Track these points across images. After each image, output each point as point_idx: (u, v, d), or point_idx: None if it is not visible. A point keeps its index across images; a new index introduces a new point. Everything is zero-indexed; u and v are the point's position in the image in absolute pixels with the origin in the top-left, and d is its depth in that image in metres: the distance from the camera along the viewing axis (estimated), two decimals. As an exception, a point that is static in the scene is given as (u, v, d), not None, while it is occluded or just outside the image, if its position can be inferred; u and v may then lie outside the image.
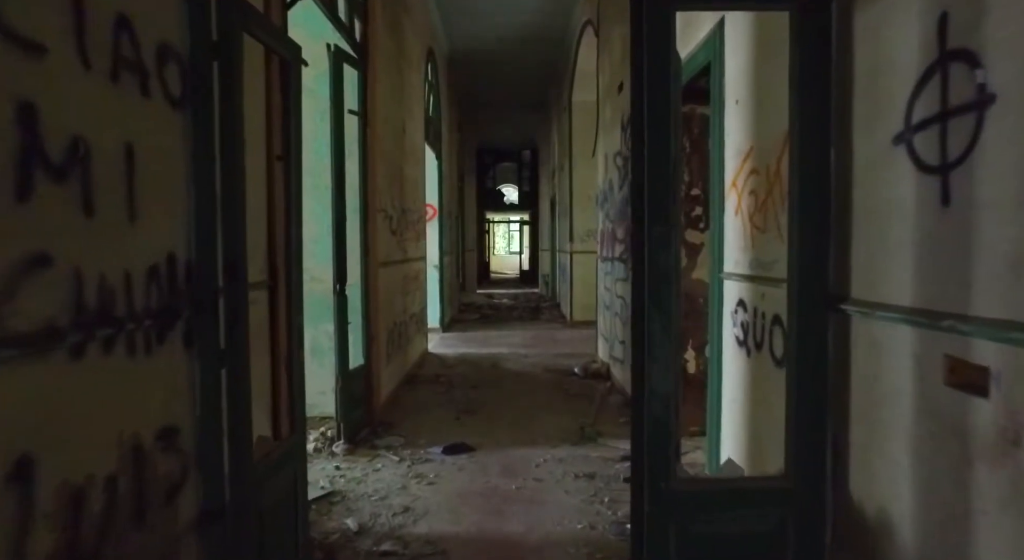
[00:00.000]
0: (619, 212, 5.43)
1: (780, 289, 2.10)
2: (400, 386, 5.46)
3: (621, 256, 5.37)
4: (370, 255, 4.30)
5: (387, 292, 5.00)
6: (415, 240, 6.50)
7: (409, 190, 6.14)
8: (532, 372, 6.29)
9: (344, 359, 3.90)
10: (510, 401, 5.12)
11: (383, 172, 4.81)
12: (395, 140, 5.38)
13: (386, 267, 4.94)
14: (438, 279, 8.85)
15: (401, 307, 5.67)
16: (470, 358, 7.08)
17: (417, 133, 6.67)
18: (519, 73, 11.46)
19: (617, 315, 5.59)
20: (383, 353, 4.73)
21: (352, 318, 4.25)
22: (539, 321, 10.33)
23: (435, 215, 8.87)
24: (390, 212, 5.08)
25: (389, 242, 5.11)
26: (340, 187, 3.83)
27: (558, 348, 7.69)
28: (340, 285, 3.86)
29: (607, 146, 6.06)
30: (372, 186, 4.31)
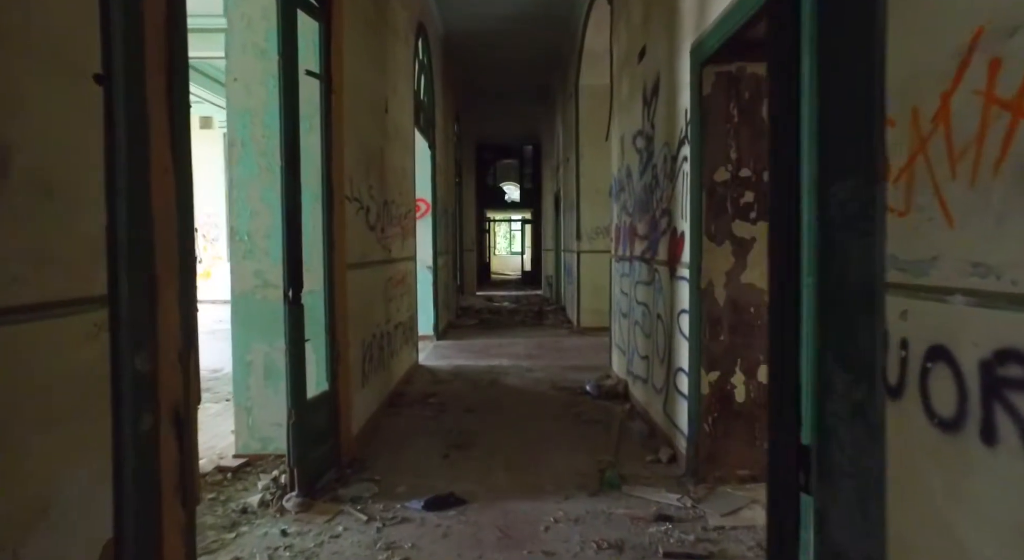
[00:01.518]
0: (641, 203, 4.58)
1: (940, 304, 1.24)
2: (381, 410, 4.60)
3: (643, 255, 4.51)
4: (336, 254, 3.45)
5: (362, 299, 4.15)
6: (401, 237, 5.65)
7: (394, 179, 5.29)
8: (537, 389, 5.43)
9: (299, 386, 3.05)
10: (511, 429, 4.26)
11: (355, 153, 3.96)
12: (373, 117, 4.54)
13: (361, 269, 4.09)
14: (431, 281, 8.00)
15: (383, 316, 4.82)
16: (466, 372, 6.22)
17: (404, 115, 5.82)
18: (520, 58, 10.61)
19: (638, 325, 4.73)
20: (355, 375, 3.88)
21: (312, 333, 3.41)
22: (543, 327, 9.48)
23: (428, 211, 8.02)
24: (366, 202, 4.23)
25: (365, 238, 4.26)
26: (293, 166, 2.98)
27: (565, 359, 6.84)
28: (293, 292, 3.01)
29: (624, 127, 5.20)
30: (338, 167, 3.46)
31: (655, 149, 4.14)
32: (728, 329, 3.21)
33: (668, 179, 3.81)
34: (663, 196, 3.93)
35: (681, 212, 3.53)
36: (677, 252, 3.62)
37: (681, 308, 3.55)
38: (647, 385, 4.41)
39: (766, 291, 3.19)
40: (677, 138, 3.59)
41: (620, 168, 5.42)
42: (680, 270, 3.56)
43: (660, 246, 4.02)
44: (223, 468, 3.34)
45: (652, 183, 4.22)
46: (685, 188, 3.45)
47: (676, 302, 3.64)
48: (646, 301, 4.46)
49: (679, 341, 3.59)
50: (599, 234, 8.74)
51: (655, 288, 4.17)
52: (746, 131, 3.15)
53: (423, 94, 7.47)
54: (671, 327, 3.76)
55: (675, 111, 3.63)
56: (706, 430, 3.21)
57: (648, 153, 4.33)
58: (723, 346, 3.21)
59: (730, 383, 3.22)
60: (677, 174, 3.61)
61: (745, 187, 3.17)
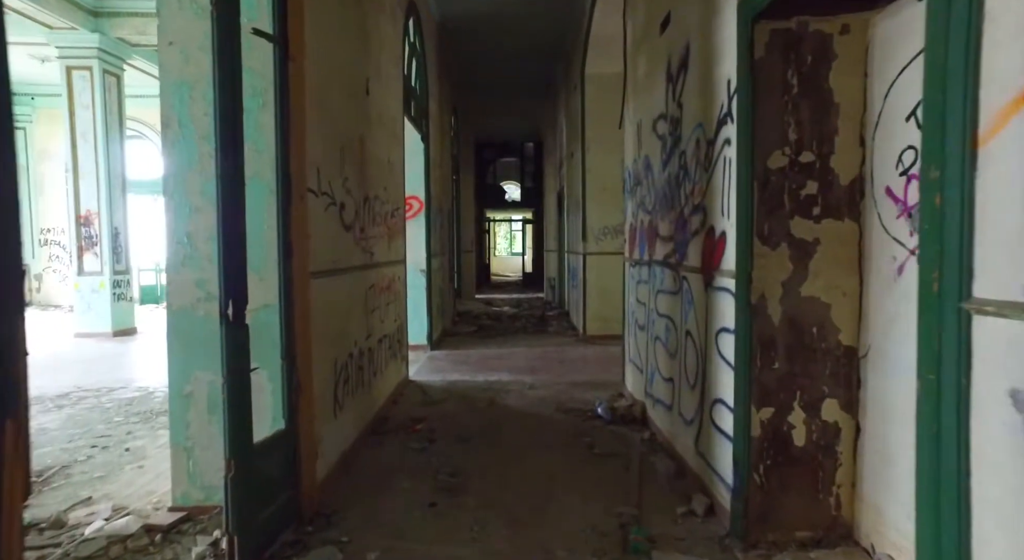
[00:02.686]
0: (663, 198, 3.92)
1: None
2: (361, 439, 3.94)
3: (667, 259, 3.85)
4: (296, 259, 2.79)
5: (334, 312, 3.49)
6: (387, 238, 4.99)
7: (377, 173, 4.63)
8: (541, 412, 4.77)
9: (240, 428, 2.39)
10: (512, 467, 3.60)
11: (325, 138, 3.30)
12: (350, 98, 3.88)
13: (332, 276, 3.43)
14: (425, 286, 7.34)
15: (363, 330, 4.16)
16: (461, 389, 5.56)
17: (391, 100, 5.16)
18: (521, 47, 9.95)
19: (659, 341, 4.07)
20: (323, 405, 3.22)
21: (267, 358, 2.76)
22: (546, 334, 8.81)
23: (421, 209, 7.37)
24: (340, 198, 3.57)
25: (339, 240, 3.60)
26: (231, 150, 2.32)
27: (571, 373, 6.17)
28: (234, 308, 2.34)
29: (641, 111, 4.54)
30: (299, 154, 2.80)
31: (683, 133, 3.48)
32: (784, 354, 2.54)
33: (702, 168, 3.15)
34: (695, 189, 3.27)
35: (721, 208, 2.87)
36: (715, 257, 2.96)
37: (721, 326, 2.88)
38: (671, 413, 3.75)
39: (833, 306, 2.53)
40: (715, 117, 2.94)
41: (636, 159, 4.75)
42: (720, 279, 2.90)
43: (690, 249, 3.36)
44: (152, 527, 2.68)
45: (679, 174, 3.56)
46: (727, 178, 2.80)
47: (714, 318, 2.98)
48: (670, 314, 3.79)
49: (718, 366, 2.93)
50: (607, 235, 8.09)
51: (683, 299, 3.51)
52: (808, 105, 2.49)
53: (415, 81, 6.81)
54: (706, 348, 3.09)
55: (712, 84, 2.97)
56: (757, 481, 2.55)
57: (674, 139, 3.67)
58: (778, 376, 2.55)
59: (787, 422, 2.55)
60: (715, 161, 2.95)
61: (806, 175, 2.51)
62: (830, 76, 2.48)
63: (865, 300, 2.48)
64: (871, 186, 2.43)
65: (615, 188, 8.04)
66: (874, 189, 2.41)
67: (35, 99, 12.33)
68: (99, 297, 8.65)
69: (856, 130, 2.47)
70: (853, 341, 2.52)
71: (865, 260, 2.48)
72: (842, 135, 2.48)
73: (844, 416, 2.53)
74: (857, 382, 2.52)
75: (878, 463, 2.38)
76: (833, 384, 2.53)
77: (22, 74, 11.15)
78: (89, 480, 3.29)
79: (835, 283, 2.51)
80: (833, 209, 2.50)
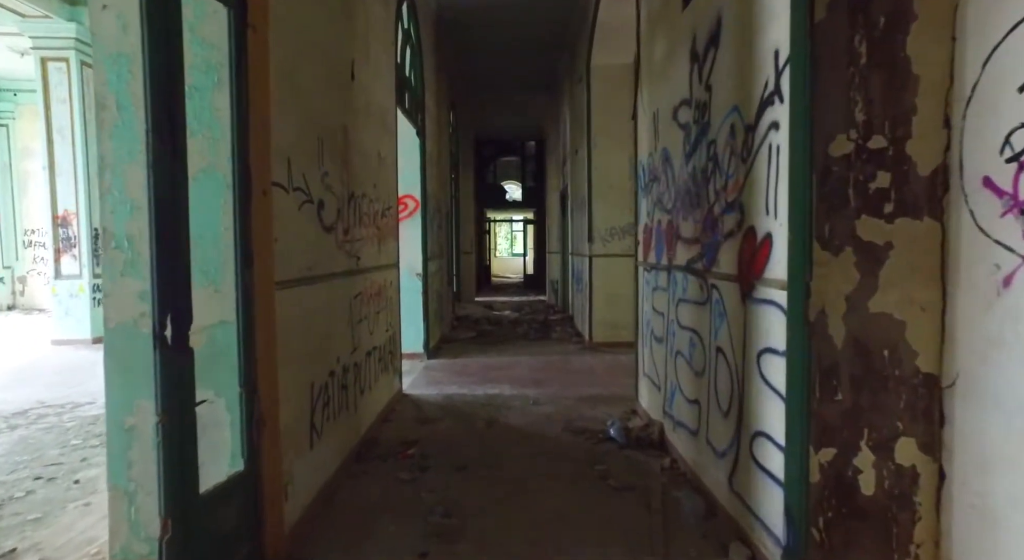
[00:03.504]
0: (686, 195, 3.46)
1: None
2: (344, 469, 3.49)
3: (691, 264, 3.39)
4: (258, 267, 2.33)
5: (311, 326, 3.03)
6: (377, 240, 4.53)
7: (365, 167, 4.18)
8: (547, 433, 4.31)
9: (180, 478, 1.93)
10: (515, 503, 3.14)
11: (298, 124, 2.84)
12: (331, 82, 3.42)
13: (308, 285, 2.97)
14: (420, 291, 6.88)
15: (347, 344, 3.70)
16: (459, 404, 5.10)
17: (382, 89, 4.70)
18: (522, 39, 9.49)
19: (681, 356, 3.61)
20: (295, 437, 2.76)
21: (226, 385, 2.30)
22: (549, 341, 8.35)
23: (417, 209, 6.91)
24: (318, 194, 3.11)
25: (317, 243, 3.14)
26: (168, 134, 1.87)
27: (579, 386, 5.71)
28: (173, 327, 1.89)
29: (658, 99, 4.09)
30: (261, 141, 2.35)
31: (712, 120, 3.03)
32: (849, 383, 2.08)
33: (738, 159, 2.69)
34: (728, 184, 2.81)
35: (766, 205, 2.41)
36: (756, 263, 2.50)
37: (764, 346, 2.43)
38: (697, 439, 3.29)
39: (908, 324, 2.07)
40: (758, 97, 2.48)
41: (652, 153, 4.29)
42: (763, 290, 2.44)
43: (722, 253, 2.90)
44: (82, 592, 2.22)
45: (707, 167, 3.10)
46: (774, 170, 2.34)
47: (755, 336, 2.52)
48: (695, 327, 3.33)
49: (760, 393, 2.47)
50: (615, 235, 7.63)
51: (712, 311, 3.04)
52: (879, 78, 2.03)
53: (409, 71, 6.35)
54: (745, 371, 2.63)
55: (753, 58, 2.51)
56: (816, 537, 2.09)
57: (700, 127, 3.21)
58: (841, 409, 2.09)
59: (852, 466, 2.09)
60: (756, 150, 2.49)
61: (877, 165, 2.05)
62: (907, 42, 2.01)
63: (951, 317, 2.02)
64: (960, 177, 1.97)
65: (623, 186, 7.60)
66: (964, 180, 1.95)
67: (17, 95, 11.88)
68: (78, 302, 8.20)
69: (940, 108, 2.01)
70: (935, 367, 2.06)
71: (951, 268, 2.02)
72: (922, 114, 2.02)
73: (924, 459, 2.07)
74: (940, 418, 2.05)
75: (974, 520, 1.92)
76: (909, 420, 2.07)
77: (2, 69, 10.70)
78: (20, 524, 2.82)
79: (911, 296, 2.05)
80: (909, 206, 2.04)
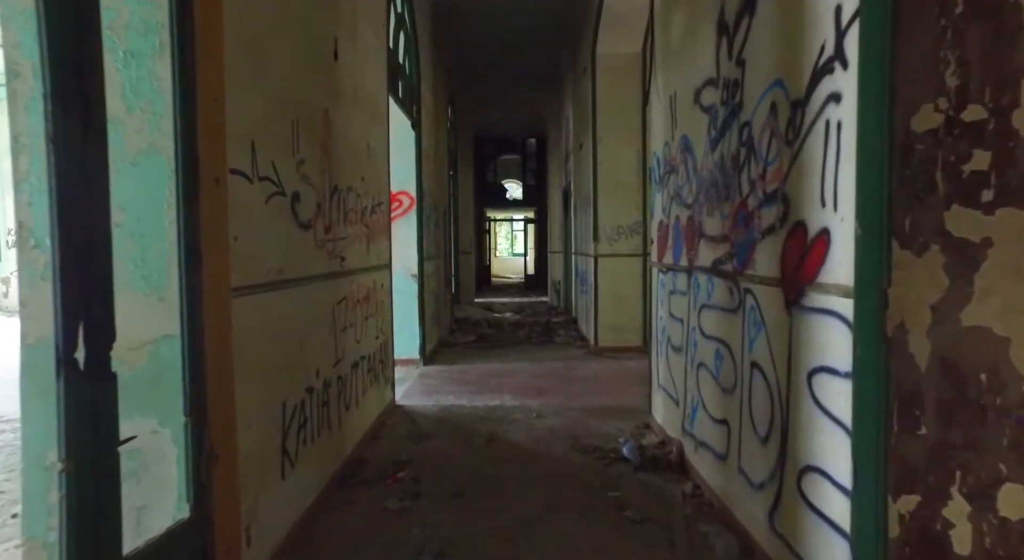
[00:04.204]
0: (711, 186, 3.05)
1: None
2: (324, 499, 3.08)
3: (717, 265, 2.98)
4: (206, 270, 1.92)
5: (282, 338, 2.62)
6: (366, 239, 4.13)
7: (352, 159, 3.77)
8: (553, 452, 3.90)
9: (93, 540, 1.52)
10: (519, 541, 2.73)
11: (266, 103, 2.43)
12: (309, 58, 3.01)
13: (279, 290, 2.56)
14: (416, 293, 6.48)
15: (329, 355, 3.29)
16: (456, 417, 4.69)
17: (371, 74, 4.30)
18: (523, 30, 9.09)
19: (704, 368, 3.20)
20: (261, 469, 2.34)
21: (167, 411, 1.90)
22: (552, 345, 7.94)
23: (412, 206, 6.51)
24: (291, 186, 2.70)
25: (291, 242, 2.73)
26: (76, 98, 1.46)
27: (585, 395, 5.30)
28: (88, 347, 1.49)
29: (676, 81, 3.68)
30: (211, 118, 1.94)
31: (746, 99, 2.62)
32: (936, 413, 1.67)
33: (781, 141, 2.28)
34: (768, 171, 2.40)
35: (821, 194, 2.00)
36: (808, 264, 2.09)
37: (819, 364, 2.02)
38: (726, 465, 2.88)
39: (1013, 340, 1.66)
40: (810, 65, 2.07)
41: (668, 142, 3.89)
42: (816, 297, 2.03)
43: (759, 253, 2.49)
44: None
45: (738, 154, 2.69)
46: (833, 151, 1.93)
47: (804, 351, 2.11)
48: (723, 337, 2.92)
49: (813, 420, 2.06)
50: (621, 235, 7.22)
51: (745, 320, 2.64)
52: (978, 32, 1.62)
53: (403, 58, 5.95)
54: (789, 391, 2.23)
55: (804, 19, 2.10)
56: (893, 606, 1.68)
57: (729, 109, 2.80)
58: (926, 447, 1.68)
59: (941, 518, 1.68)
60: (808, 129, 2.08)
61: (973, 141, 1.64)
62: (1014, -14, 1.61)
63: (1067, 333, 1.61)
64: (1081, 156, 1.56)
65: (630, 182, 7.20)
66: (1087, 161, 1.54)
67: (1, 90, 11.44)
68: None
69: (1054, 70, 1.60)
70: (1044, 395, 1.65)
71: (1067, 271, 1.61)
72: (1031, 78, 1.62)
73: (1031, 510, 1.66)
74: (1053, 459, 1.65)
75: (1105, 594, 1.52)
76: (1015, 461, 1.66)
77: (-17, 62, 10.28)
78: (-62, 573, 2.43)
79: (1016, 305, 1.64)
80: (1015, 193, 1.63)
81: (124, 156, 1.90)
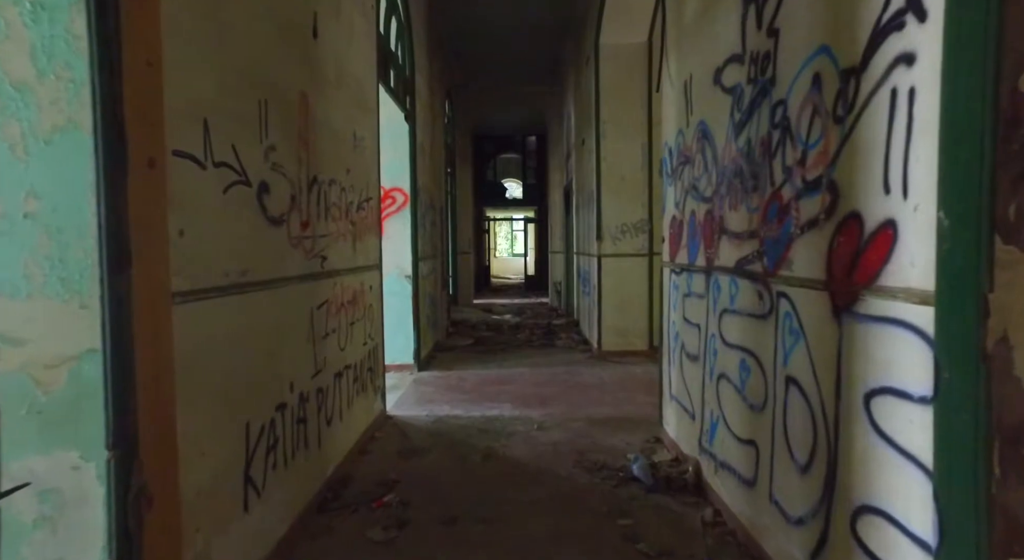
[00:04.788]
0: (736, 177, 2.70)
1: None
2: (299, 527, 2.73)
3: (743, 265, 2.63)
4: (135, 273, 1.57)
5: (247, 350, 2.27)
6: (352, 237, 3.78)
7: (336, 149, 3.42)
8: (556, 470, 3.55)
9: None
10: (519, 580, 2.38)
11: (224, 76, 2.08)
12: (281, 31, 2.65)
13: (239, 295, 2.21)
14: (411, 295, 6.13)
15: (306, 366, 2.94)
16: (451, 429, 4.34)
17: (358, 57, 3.95)
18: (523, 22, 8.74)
19: (727, 381, 2.85)
20: (217, 506, 1.99)
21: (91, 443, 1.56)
22: (554, 349, 7.59)
23: (406, 204, 6.16)
24: (258, 175, 2.35)
25: (259, 239, 2.38)
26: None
27: (589, 404, 4.95)
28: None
29: (693, 62, 3.33)
30: (141, 84, 1.59)
31: (780, 73, 2.27)
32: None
33: (827, 118, 1.93)
34: (810, 155, 2.05)
35: (885, 178, 1.65)
36: (864, 263, 1.74)
37: (881, 384, 1.67)
38: (754, 493, 2.53)
39: None
40: (869, 24, 1.71)
41: (682, 130, 3.54)
42: (876, 302, 1.68)
43: (796, 250, 2.14)
44: None
45: (771, 137, 2.35)
46: (902, 124, 1.58)
47: (860, 367, 1.76)
48: (749, 346, 2.57)
49: (873, 451, 1.71)
50: (626, 233, 6.88)
51: (779, 328, 2.29)
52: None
53: (395, 45, 5.60)
54: (840, 414, 1.88)
55: (862, -31, 1.75)
56: None
57: (759, 87, 2.45)
58: (1034, 494, 1.33)
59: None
60: (864, 101, 1.73)
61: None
62: None
63: None
64: None
65: (635, 178, 6.86)
66: None
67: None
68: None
69: None
70: None
71: None
72: None
73: None
74: None
75: None
76: None
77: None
78: None
79: None
80: None
81: (36, 132, 1.55)
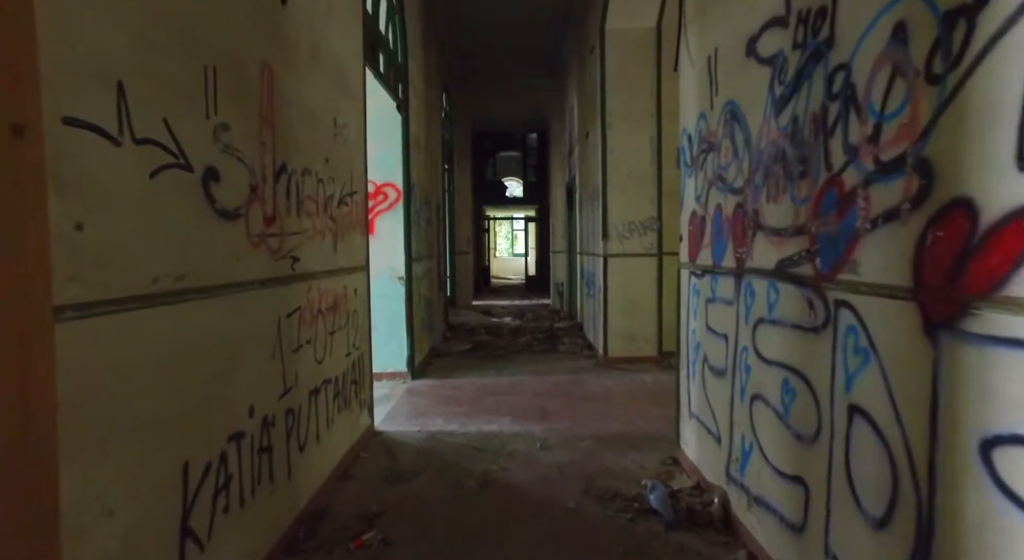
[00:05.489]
0: (778, 162, 2.27)
1: None
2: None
3: (785, 268, 2.21)
4: (1, 279, 1.15)
5: (179, 372, 1.85)
6: (332, 235, 3.36)
7: (311, 134, 3.00)
8: (562, 499, 3.13)
9: None
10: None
11: (141, 26, 1.65)
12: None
13: (181, 302, 1.79)
14: (404, 298, 5.70)
15: (273, 385, 2.52)
16: (444, 448, 3.92)
17: (338, 34, 3.52)
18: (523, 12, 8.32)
19: (763, 402, 2.43)
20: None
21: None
22: (556, 354, 7.17)
23: (399, 200, 5.74)
24: (204, 158, 1.93)
25: (204, 235, 1.96)
26: None
27: (596, 418, 4.53)
28: None
29: (718, 34, 2.91)
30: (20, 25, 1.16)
31: (840, 31, 1.85)
32: None
33: (915, 79, 1.51)
34: (885, 129, 1.62)
35: (1017, 152, 1.23)
36: (982, 266, 1.31)
37: (1009, 431, 1.24)
38: (803, 540, 2.10)
39: None
40: (987, -53, 1.29)
41: (705, 113, 3.11)
42: (996, 318, 1.26)
43: (864, 249, 1.72)
44: None
45: (826, 111, 1.92)
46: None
47: (975, 404, 1.34)
48: (796, 365, 2.15)
49: (997, 516, 1.28)
50: (634, 232, 6.46)
51: (838, 345, 1.86)
52: None
53: (385, 26, 5.18)
54: (938, 461, 1.45)
55: None
56: None
57: (810, 52, 2.03)
58: None
59: None
60: (978, 53, 1.31)
61: None
62: None
63: None
64: None
65: (644, 173, 6.45)
66: None
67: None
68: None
69: None
70: None
71: None
72: None
73: None
74: None
75: None
76: None
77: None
78: None
79: None
80: None
81: None
